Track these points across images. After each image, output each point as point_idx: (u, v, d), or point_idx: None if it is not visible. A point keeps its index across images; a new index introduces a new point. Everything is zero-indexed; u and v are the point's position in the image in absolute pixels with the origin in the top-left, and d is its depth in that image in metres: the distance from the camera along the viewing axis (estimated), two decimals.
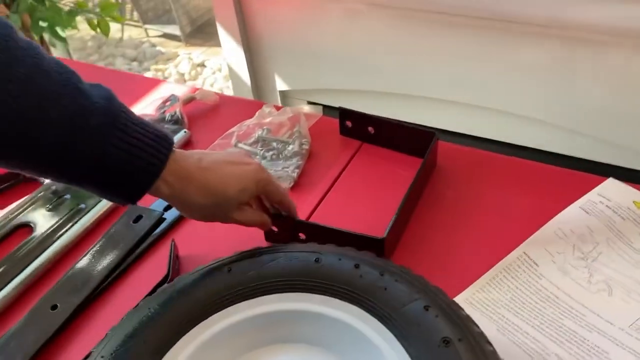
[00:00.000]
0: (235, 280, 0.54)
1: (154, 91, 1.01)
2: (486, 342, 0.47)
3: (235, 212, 0.59)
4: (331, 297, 0.52)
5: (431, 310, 0.48)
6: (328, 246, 0.56)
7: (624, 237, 0.64)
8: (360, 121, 0.82)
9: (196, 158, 0.56)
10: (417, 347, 0.47)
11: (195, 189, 0.55)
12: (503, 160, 0.79)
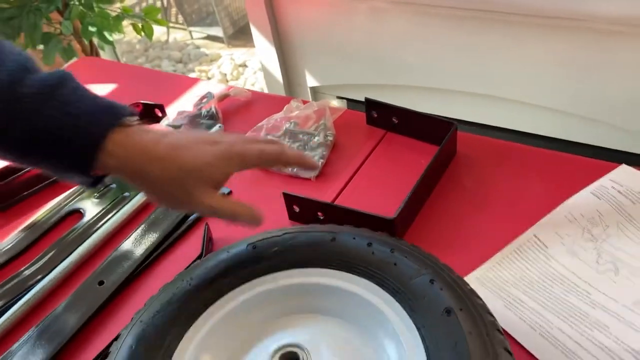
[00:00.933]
0: (259, 255, 0.59)
1: (193, 89, 1.08)
2: (487, 312, 0.51)
3: (203, 192, 0.53)
4: (345, 272, 0.57)
5: (436, 284, 0.52)
6: (344, 227, 0.61)
7: (634, 221, 0.66)
8: (385, 111, 0.86)
9: (159, 133, 0.53)
10: (422, 316, 0.51)
11: (150, 161, 0.51)
12: (519, 149, 0.81)
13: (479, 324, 0.49)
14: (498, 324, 0.50)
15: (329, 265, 0.58)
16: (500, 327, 0.50)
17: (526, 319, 0.59)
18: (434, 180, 0.77)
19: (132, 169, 0.51)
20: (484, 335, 0.48)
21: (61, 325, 0.67)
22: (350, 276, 0.57)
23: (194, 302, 0.56)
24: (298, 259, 0.59)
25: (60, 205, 0.85)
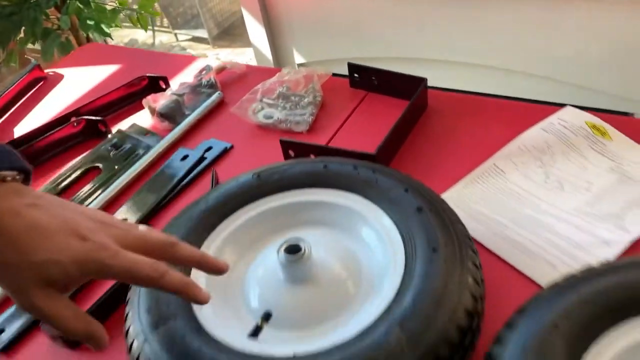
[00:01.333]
0: (262, 182, 0.70)
1: (192, 65, 1.20)
2: (452, 212, 0.62)
3: (37, 293, 0.43)
4: (336, 189, 0.69)
5: (410, 192, 0.64)
6: (333, 157, 0.73)
7: (576, 148, 0.79)
8: (365, 73, 0.98)
9: (27, 202, 0.45)
10: (399, 215, 0.62)
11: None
12: (482, 101, 0.94)
13: (445, 220, 0.60)
14: (460, 220, 0.62)
15: (322, 186, 0.69)
16: (462, 221, 0.62)
17: (488, 226, 0.71)
18: (408, 126, 0.89)
19: None
20: (450, 228, 0.60)
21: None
22: (340, 192, 0.68)
23: (211, 217, 0.67)
24: (296, 183, 0.70)
25: (81, 162, 0.96)
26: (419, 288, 0.53)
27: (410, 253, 0.58)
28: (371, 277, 0.61)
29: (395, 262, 0.58)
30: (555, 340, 0.47)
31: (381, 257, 0.62)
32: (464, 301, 0.52)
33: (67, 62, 1.35)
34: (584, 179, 0.75)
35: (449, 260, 0.55)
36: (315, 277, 0.60)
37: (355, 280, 0.61)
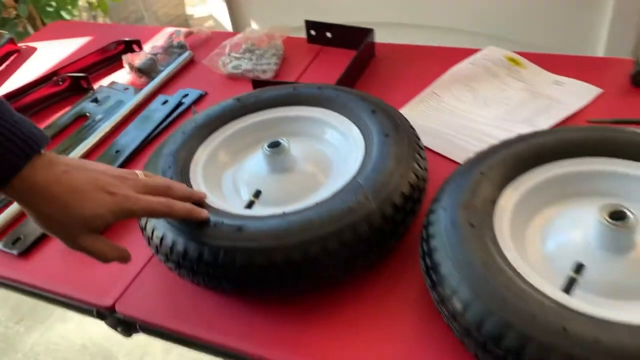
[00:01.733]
0: (242, 104, 0.84)
1: (160, 33, 1.31)
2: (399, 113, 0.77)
3: (85, 238, 0.57)
4: (305, 106, 0.82)
5: (365, 101, 0.78)
6: (299, 83, 0.87)
7: (497, 76, 0.96)
8: (321, 28, 1.13)
9: (60, 170, 0.55)
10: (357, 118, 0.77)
11: (42, 200, 0.54)
12: (424, 49, 1.10)
13: (394, 117, 0.75)
14: (406, 118, 0.77)
15: (292, 104, 0.83)
16: (407, 119, 0.77)
17: (429, 133, 0.86)
18: (359, 69, 1.04)
19: (26, 201, 0.55)
20: (398, 122, 0.74)
21: None
22: (308, 107, 0.82)
23: (202, 131, 0.80)
24: (270, 103, 0.84)
25: (71, 110, 1.06)
26: (376, 161, 0.68)
27: (368, 142, 0.72)
28: (338, 165, 0.75)
29: (357, 150, 0.73)
30: (482, 182, 0.63)
31: (345, 151, 0.76)
32: (412, 166, 0.67)
33: (37, 37, 1.43)
34: (503, 97, 0.92)
35: (398, 142, 0.70)
36: (293, 167, 0.74)
37: (325, 168, 0.76)
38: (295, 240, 0.60)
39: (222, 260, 0.61)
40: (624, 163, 0.64)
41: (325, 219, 0.62)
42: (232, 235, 0.62)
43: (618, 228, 0.56)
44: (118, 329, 0.72)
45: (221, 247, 0.61)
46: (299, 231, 0.61)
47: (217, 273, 0.62)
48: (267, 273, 0.61)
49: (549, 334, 0.47)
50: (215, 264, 0.62)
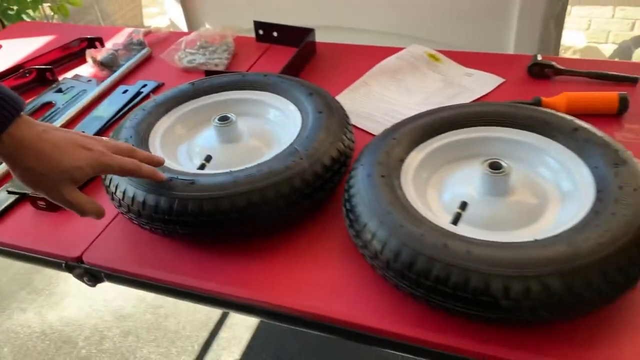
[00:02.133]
0: (196, 88, 0.96)
1: (120, 33, 1.42)
2: (332, 97, 0.91)
3: (65, 188, 0.64)
4: (251, 90, 0.95)
5: (304, 86, 0.92)
6: (248, 72, 1.00)
7: (418, 69, 1.11)
8: (267, 28, 1.26)
9: (41, 129, 0.62)
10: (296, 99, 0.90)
11: (28, 155, 0.61)
12: (359, 48, 1.25)
13: (327, 98, 0.89)
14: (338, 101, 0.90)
15: (241, 89, 0.96)
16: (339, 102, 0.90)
17: (358, 114, 1.00)
18: (300, 64, 1.18)
19: (13, 157, 0.61)
20: (330, 103, 0.87)
21: None
22: (254, 91, 0.95)
23: (160, 108, 0.91)
24: (221, 87, 0.96)
25: (38, 99, 1.15)
26: (310, 131, 0.81)
27: (305, 118, 0.86)
28: (279, 139, 0.88)
29: (295, 125, 0.86)
30: (394, 145, 0.77)
31: (285, 127, 0.89)
32: (340, 137, 0.80)
33: (1, 36, 1.51)
34: (422, 86, 1.07)
35: (329, 118, 0.84)
36: (240, 138, 0.87)
37: (268, 140, 0.89)
38: (240, 190, 0.73)
39: (177, 209, 0.73)
40: (504, 130, 0.80)
41: (265, 174, 0.74)
42: (185, 187, 0.74)
43: (495, 175, 0.71)
44: (85, 279, 0.82)
45: (176, 197, 0.73)
46: (243, 184, 0.73)
47: (172, 220, 0.73)
48: (215, 219, 0.73)
49: (433, 249, 0.61)
50: (170, 212, 0.73)
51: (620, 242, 0.59)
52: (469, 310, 0.60)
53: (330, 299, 0.70)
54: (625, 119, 0.94)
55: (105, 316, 1.71)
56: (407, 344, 0.65)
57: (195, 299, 0.77)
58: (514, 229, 0.70)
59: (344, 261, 0.74)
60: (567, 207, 0.70)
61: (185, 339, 1.62)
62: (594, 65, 1.05)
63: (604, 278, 0.58)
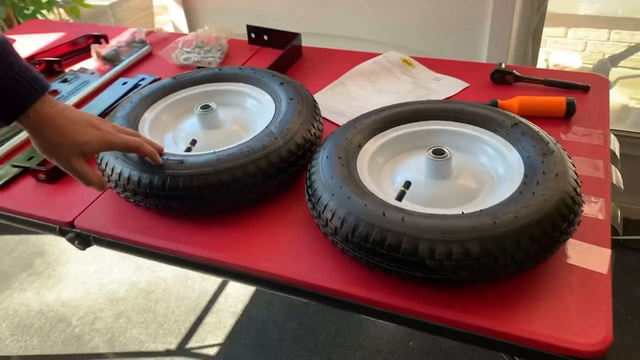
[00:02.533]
0: (177, 81, 1.06)
1: (125, 32, 1.53)
2: (304, 87, 1.01)
3: (75, 159, 0.74)
4: (229, 82, 1.06)
5: (277, 77, 1.02)
6: (226, 66, 1.10)
7: (392, 72, 1.22)
8: (259, 32, 1.37)
9: (60, 107, 0.73)
10: (270, 89, 1.00)
11: (48, 127, 0.71)
12: (341, 52, 1.35)
13: (298, 88, 0.99)
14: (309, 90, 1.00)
15: (218, 82, 1.06)
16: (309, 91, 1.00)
17: (332, 110, 1.11)
18: (285, 64, 1.28)
19: (36, 129, 0.71)
20: (301, 92, 0.97)
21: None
22: (231, 84, 1.06)
23: (146, 100, 1.02)
24: (200, 81, 1.07)
25: None
26: (283, 115, 0.91)
27: (278, 105, 0.96)
28: (256, 125, 0.98)
29: (269, 111, 0.96)
30: (354, 134, 0.87)
31: (261, 114, 0.99)
32: (310, 120, 0.91)
33: (15, 32, 1.63)
34: (395, 87, 1.17)
35: (300, 104, 0.94)
36: (220, 125, 0.98)
37: (246, 126, 0.99)
38: (224, 167, 0.82)
39: (169, 185, 0.82)
40: (454, 124, 0.89)
41: (245, 153, 0.84)
42: (176, 166, 0.83)
43: (437, 160, 0.80)
44: (76, 243, 0.92)
45: (168, 175, 0.82)
46: (226, 161, 0.83)
47: (166, 195, 0.82)
48: (204, 192, 0.82)
49: (374, 217, 0.70)
50: (163, 188, 0.82)
51: (534, 216, 0.69)
52: (401, 269, 0.69)
53: (289, 262, 0.79)
54: (572, 122, 1.03)
55: (99, 299, 1.81)
56: (349, 302, 0.75)
57: (171, 261, 0.86)
58: (451, 207, 0.79)
59: (303, 230, 0.84)
60: (499, 189, 0.80)
61: (172, 322, 1.71)
62: (552, 74, 1.15)
63: (518, 245, 0.67)
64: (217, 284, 1.83)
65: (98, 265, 1.92)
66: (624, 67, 2.94)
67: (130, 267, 1.91)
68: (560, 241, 0.71)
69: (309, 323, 1.67)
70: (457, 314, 0.70)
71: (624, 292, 1.68)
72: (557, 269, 0.75)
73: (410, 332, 1.62)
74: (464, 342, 0.72)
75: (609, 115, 1.05)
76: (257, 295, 1.78)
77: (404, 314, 0.72)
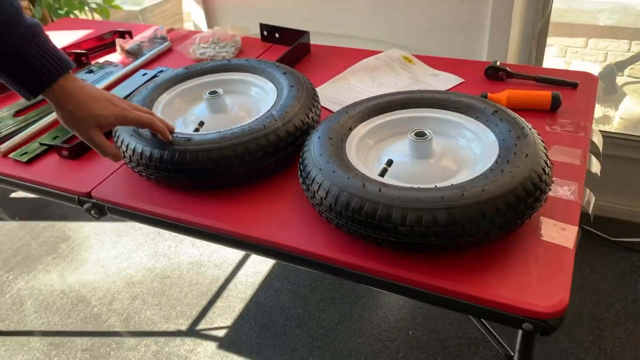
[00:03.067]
0: (189, 71, 1.15)
1: (149, 29, 1.64)
2: (305, 77, 1.09)
3: (93, 130, 0.83)
4: (236, 72, 1.14)
5: (280, 67, 1.10)
6: (234, 58, 1.19)
7: (392, 68, 1.29)
8: (271, 30, 1.46)
9: (81, 84, 0.82)
10: (272, 78, 1.08)
11: (70, 101, 0.80)
12: (346, 49, 1.43)
13: (299, 77, 1.07)
14: (309, 80, 1.09)
15: (226, 71, 1.15)
16: (310, 81, 1.08)
17: (336, 102, 1.18)
18: (293, 60, 1.37)
19: (59, 102, 0.81)
20: (302, 81, 1.05)
21: None
22: (238, 73, 1.15)
23: (160, 88, 1.11)
24: (209, 71, 1.16)
25: None
26: (284, 100, 1.00)
27: (279, 91, 1.04)
28: (259, 111, 1.06)
29: (272, 98, 1.04)
30: (346, 118, 0.94)
31: (264, 100, 1.08)
32: (308, 105, 0.99)
33: (48, 29, 1.75)
34: (394, 82, 1.25)
35: (300, 90, 1.02)
36: (227, 109, 1.06)
37: (250, 111, 1.07)
38: (227, 144, 0.91)
39: (177, 159, 0.91)
40: (439, 111, 0.96)
41: (247, 132, 0.92)
42: (184, 142, 0.92)
43: (419, 141, 0.87)
44: (92, 212, 1.02)
45: (177, 150, 0.91)
46: (230, 139, 0.91)
47: (174, 168, 0.91)
48: (208, 167, 0.90)
49: (355, 188, 0.78)
50: (172, 161, 0.91)
51: (500, 190, 0.75)
52: (377, 235, 0.76)
53: (281, 231, 0.87)
54: (558, 115, 1.09)
55: (117, 282, 1.91)
56: (331, 265, 0.82)
57: (176, 229, 0.95)
58: (431, 184, 0.86)
59: (295, 204, 0.92)
60: (475, 169, 0.86)
61: (185, 305, 1.80)
62: (543, 71, 1.21)
63: (483, 215, 0.74)
64: (229, 271, 1.92)
65: (118, 251, 2.03)
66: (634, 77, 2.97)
67: (148, 254, 2.01)
68: (526, 214, 0.77)
69: (314, 310, 1.74)
70: (428, 277, 0.77)
71: (623, 293, 1.70)
72: (527, 242, 0.81)
73: (410, 322, 1.67)
74: (434, 305, 0.79)
75: (594, 110, 1.11)
76: (266, 283, 1.86)
77: (379, 277, 0.79)
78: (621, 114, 2.51)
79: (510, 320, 0.74)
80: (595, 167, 1.03)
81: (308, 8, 1.72)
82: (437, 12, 1.56)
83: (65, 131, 1.16)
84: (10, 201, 2.40)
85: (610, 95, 2.72)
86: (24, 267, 2.02)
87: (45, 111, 1.24)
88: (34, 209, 2.32)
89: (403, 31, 1.62)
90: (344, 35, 1.69)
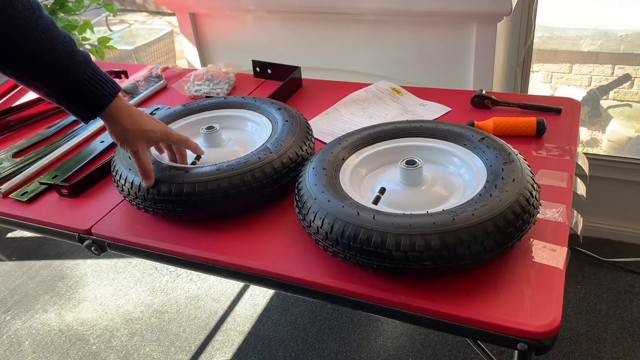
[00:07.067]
0: (187, 109, 1.19)
1: (143, 69, 1.68)
2: (299, 113, 1.13)
3: (141, 145, 0.92)
4: (232, 108, 1.18)
5: (274, 104, 1.14)
6: (230, 96, 1.23)
7: (382, 99, 1.33)
8: (263, 66, 1.51)
9: (129, 104, 0.92)
10: (268, 114, 1.12)
11: (123, 116, 0.90)
12: (337, 83, 1.48)
13: (294, 112, 1.10)
14: (304, 116, 1.12)
15: (224, 108, 1.19)
16: (304, 117, 1.12)
17: (326, 132, 1.22)
18: (286, 94, 1.41)
19: (113, 117, 0.90)
20: (296, 115, 1.09)
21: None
22: (236, 110, 1.18)
23: (167, 118, 1.14)
24: (209, 107, 1.19)
25: (63, 120, 1.40)
26: (279, 134, 1.03)
27: (274, 126, 1.08)
28: (255, 144, 1.10)
29: (267, 132, 1.08)
30: (339, 149, 0.98)
31: (259, 135, 1.11)
32: (302, 139, 1.02)
33: None
34: (384, 112, 1.29)
35: (294, 125, 1.05)
36: (223, 144, 1.10)
37: (246, 145, 1.10)
38: (223, 176, 0.93)
39: (175, 191, 0.93)
40: (429, 140, 1.00)
41: (243, 164, 0.95)
42: (181, 176, 0.95)
43: (409, 169, 0.90)
44: (92, 249, 1.03)
45: (174, 183, 0.94)
46: (226, 171, 0.94)
47: (172, 200, 0.93)
48: (204, 198, 0.93)
49: (349, 216, 0.80)
50: (169, 194, 0.94)
51: (489, 214, 0.78)
52: (373, 261, 0.79)
53: (278, 260, 0.89)
54: (544, 140, 1.13)
55: (116, 319, 1.91)
56: (328, 293, 0.84)
57: (174, 262, 0.97)
58: (423, 210, 0.88)
59: (292, 233, 0.94)
60: (465, 194, 0.89)
61: (184, 340, 1.80)
62: (527, 98, 1.25)
63: (474, 239, 0.76)
64: (227, 305, 1.92)
65: (115, 288, 2.03)
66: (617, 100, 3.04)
67: (146, 289, 2.02)
68: (515, 236, 0.80)
69: (313, 341, 1.74)
70: (424, 302, 0.79)
71: (619, 313, 1.72)
72: (518, 264, 0.84)
73: (409, 349, 1.68)
74: (431, 328, 0.80)
75: (578, 133, 1.15)
76: (264, 315, 1.86)
77: (376, 303, 0.81)
78: (608, 136, 2.56)
79: (505, 341, 0.76)
80: (580, 189, 1.06)
81: (298, 44, 1.78)
82: (423, 45, 1.61)
83: (64, 170, 1.19)
84: (6, 241, 2.40)
85: (596, 119, 2.78)
86: (21, 307, 2.01)
87: (43, 152, 1.27)
88: (31, 248, 2.33)
89: (391, 64, 1.67)
90: (334, 69, 1.74)
